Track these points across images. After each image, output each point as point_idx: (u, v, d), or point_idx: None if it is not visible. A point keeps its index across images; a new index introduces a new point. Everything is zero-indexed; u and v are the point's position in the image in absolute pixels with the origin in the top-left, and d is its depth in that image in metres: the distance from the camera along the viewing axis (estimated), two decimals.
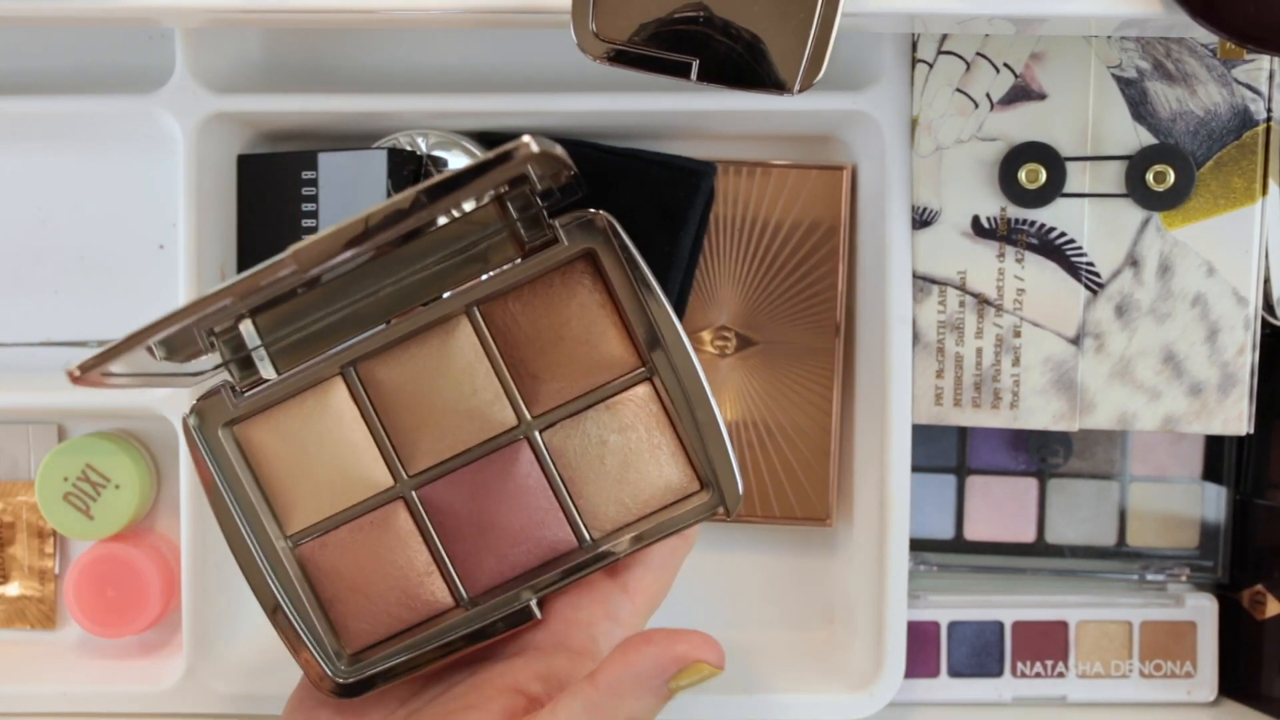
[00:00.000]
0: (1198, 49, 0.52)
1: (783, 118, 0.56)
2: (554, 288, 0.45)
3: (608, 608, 0.43)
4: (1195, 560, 0.59)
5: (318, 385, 0.44)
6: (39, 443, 0.59)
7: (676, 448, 0.44)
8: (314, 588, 0.44)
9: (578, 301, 0.45)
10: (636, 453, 0.44)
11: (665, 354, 0.44)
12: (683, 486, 0.44)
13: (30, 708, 0.56)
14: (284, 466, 0.44)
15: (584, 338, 0.44)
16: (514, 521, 0.44)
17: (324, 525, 0.44)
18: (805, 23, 0.43)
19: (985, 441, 0.59)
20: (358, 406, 0.44)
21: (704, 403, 0.44)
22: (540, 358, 0.45)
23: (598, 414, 0.44)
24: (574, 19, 0.43)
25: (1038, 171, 0.53)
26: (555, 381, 0.44)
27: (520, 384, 0.44)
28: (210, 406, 0.44)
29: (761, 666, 0.58)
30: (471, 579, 0.44)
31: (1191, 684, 0.59)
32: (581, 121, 0.55)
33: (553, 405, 0.44)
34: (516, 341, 0.45)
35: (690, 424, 0.44)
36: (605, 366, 0.45)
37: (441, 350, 0.44)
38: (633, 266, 0.44)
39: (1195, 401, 0.54)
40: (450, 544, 0.44)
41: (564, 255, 0.44)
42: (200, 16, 0.48)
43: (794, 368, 0.57)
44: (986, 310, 0.55)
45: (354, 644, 0.44)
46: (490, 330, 0.45)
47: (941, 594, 0.59)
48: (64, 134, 0.58)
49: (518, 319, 0.45)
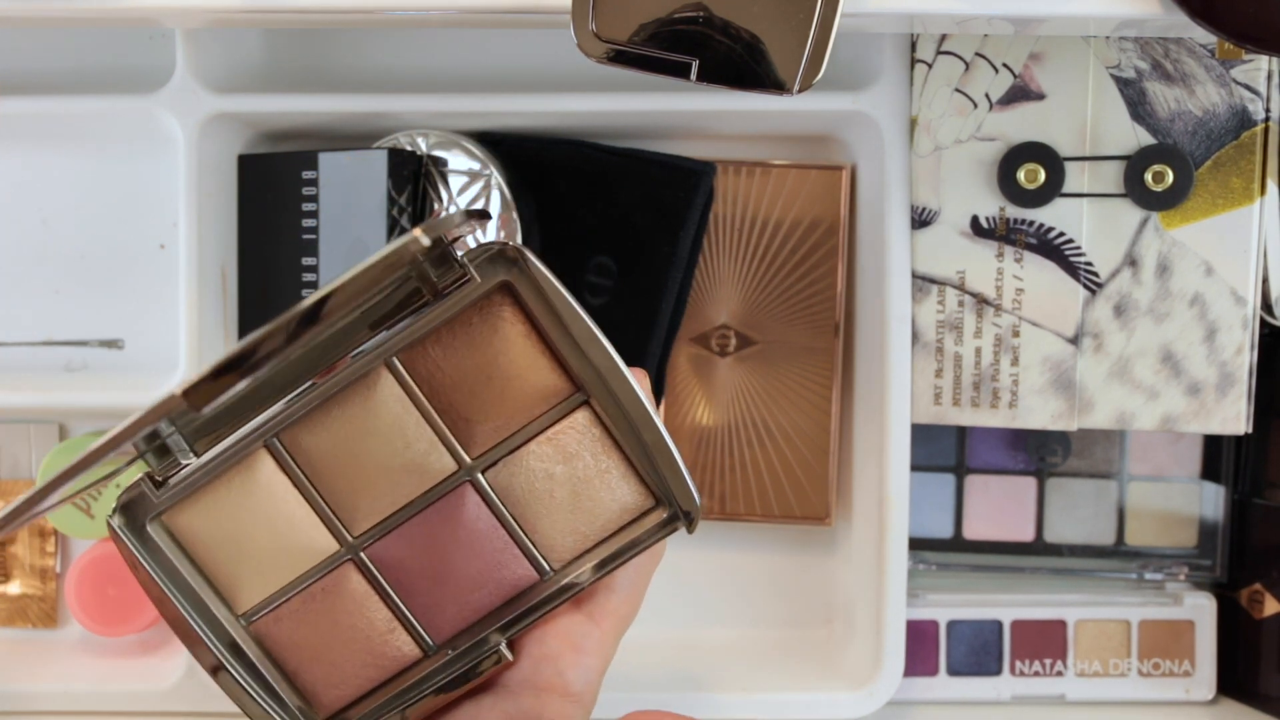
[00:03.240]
0: (1196, 49, 0.52)
1: (782, 118, 0.56)
2: (473, 326, 0.42)
3: (573, 640, 0.42)
4: (1193, 559, 0.59)
5: (243, 462, 0.42)
6: (40, 442, 0.59)
7: (625, 468, 0.42)
8: (275, 662, 0.42)
9: (500, 336, 0.42)
10: (585, 480, 0.42)
11: (598, 375, 0.42)
12: (637, 505, 0.42)
13: (31, 706, 0.56)
14: (222, 548, 0.42)
15: (513, 372, 0.42)
16: (471, 566, 0.42)
17: (274, 599, 0.42)
18: (805, 23, 0.43)
19: (984, 441, 0.59)
20: (288, 477, 0.42)
21: (646, 420, 0.42)
22: (471, 400, 0.42)
23: (539, 447, 0.42)
24: (574, 19, 0.44)
25: (1036, 171, 0.53)
26: (490, 421, 0.42)
27: (454, 429, 0.42)
28: (134, 502, 0.42)
29: (761, 665, 0.58)
30: (436, 628, 0.42)
31: (1190, 682, 0.59)
32: (581, 121, 0.55)
33: (491, 444, 0.42)
34: (443, 386, 0.42)
35: (635, 443, 0.42)
36: (539, 398, 0.42)
37: (366, 408, 0.42)
38: (551, 293, 0.42)
39: (1193, 401, 0.54)
40: (409, 598, 0.42)
41: (479, 291, 0.42)
42: (200, 17, 0.48)
43: (793, 367, 0.57)
44: (985, 310, 0.55)
45: (326, 709, 0.42)
46: (414, 379, 0.42)
47: (940, 593, 0.59)
48: (64, 134, 0.58)
49: (440, 364, 0.42)
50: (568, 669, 0.41)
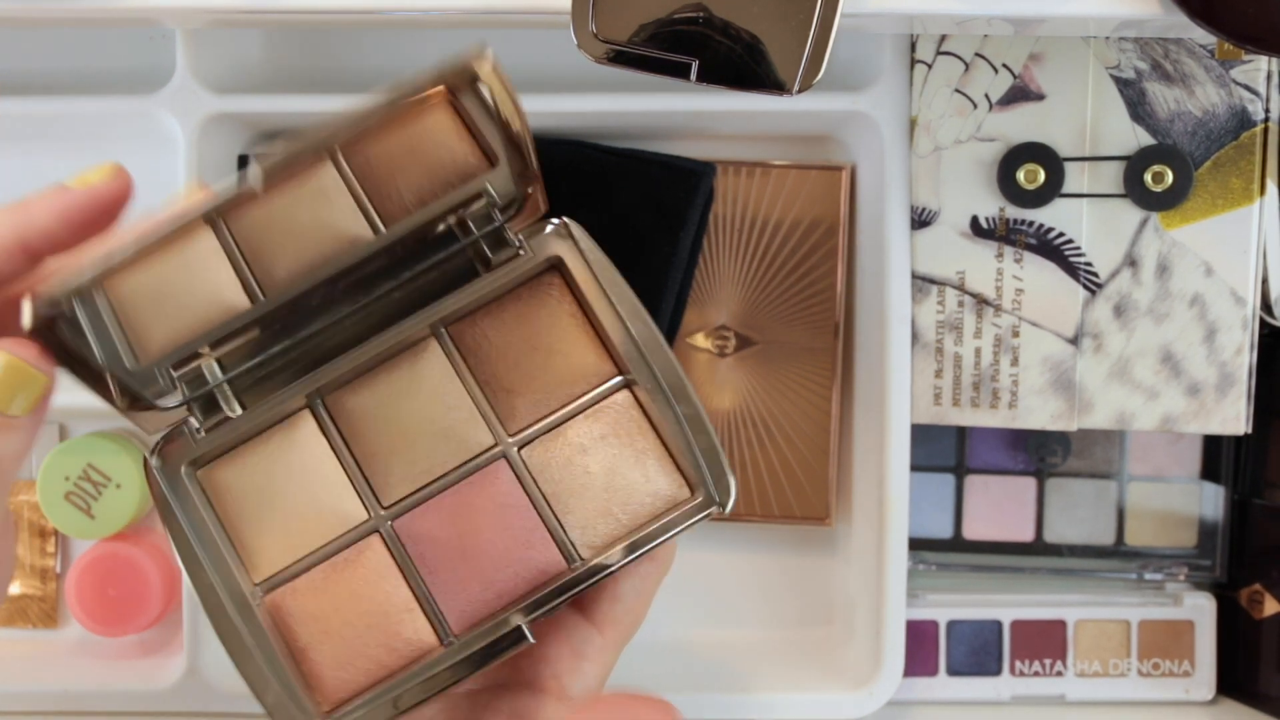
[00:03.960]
0: (1196, 50, 0.52)
1: (782, 118, 0.56)
2: (522, 300, 0.43)
3: (574, 644, 0.41)
4: (1193, 559, 0.59)
5: (284, 420, 0.43)
6: (40, 442, 0.59)
7: (662, 453, 0.43)
8: (286, 636, 0.42)
9: (547, 311, 0.43)
10: (621, 461, 0.42)
11: (642, 357, 0.42)
12: (671, 494, 0.42)
13: (31, 706, 0.56)
14: (251, 508, 0.42)
15: (557, 348, 0.43)
16: (497, 545, 0.42)
17: (295, 568, 0.42)
18: (805, 23, 0.43)
19: (984, 441, 0.60)
20: (327, 439, 0.43)
21: (687, 398, 0.42)
22: (514, 370, 0.43)
23: (578, 425, 0.43)
24: (574, 19, 0.44)
25: (1036, 172, 0.53)
26: (531, 395, 0.43)
27: (495, 400, 0.43)
28: (174, 448, 0.42)
29: (761, 666, 0.58)
30: (456, 612, 0.42)
31: (1189, 683, 0.59)
32: (581, 121, 0.55)
33: (530, 421, 0.43)
34: (488, 357, 0.43)
35: (674, 422, 0.42)
36: (581, 376, 0.43)
37: (411, 373, 0.43)
38: (601, 272, 0.42)
39: (1193, 401, 0.54)
40: (432, 574, 0.42)
41: (530, 267, 0.43)
42: (201, 17, 0.48)
43: (793, 367, 0.57)
44: (985, 310, 0.55)
45: (331, 696, 0.41)
46: (460, 349, 0.43)
47: (940, 593, 0.60)
48: (64, 134, 0.58)
49: (488, 334, 0.43)
50: (566, 673, 0.41)
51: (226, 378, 0.42)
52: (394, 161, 0.41)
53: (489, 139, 0.41)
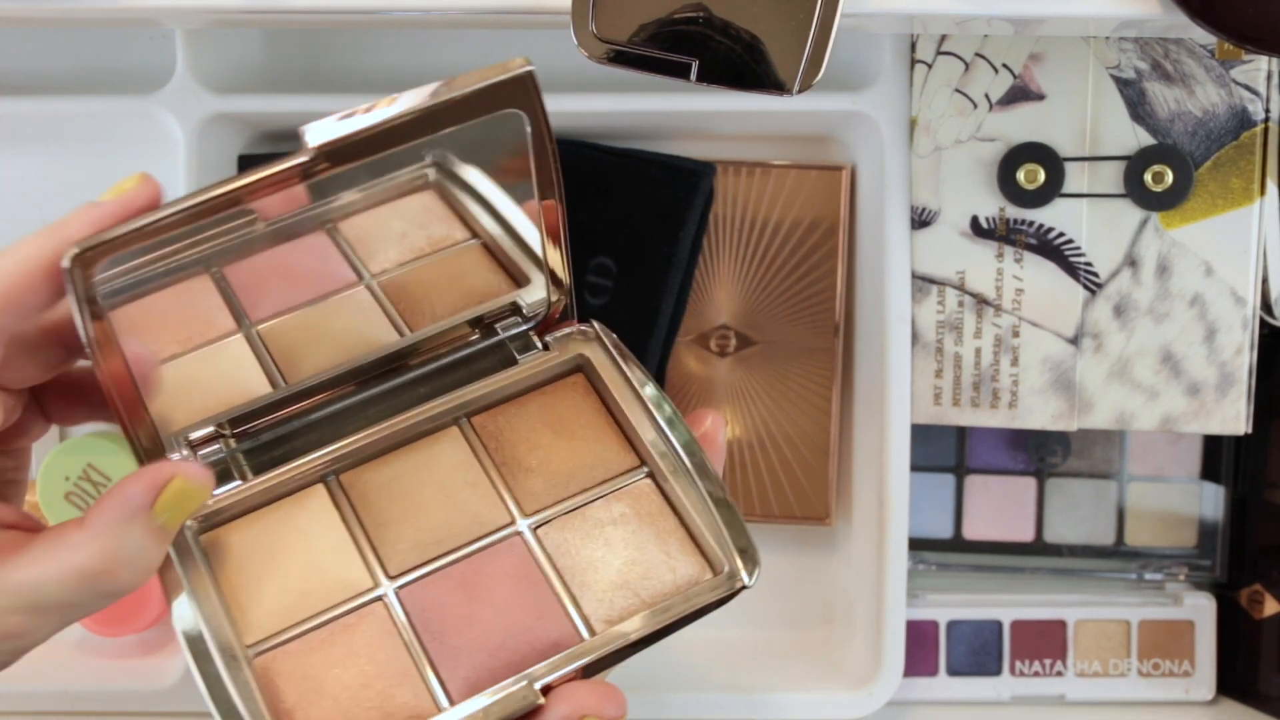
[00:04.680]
0: (1196, 50, 0.52)
1: (782, 118, 0.56)
2: (546, 394, 0.43)
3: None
4: (1193, 559, 0.59)
5: (294, 493, 0.42)
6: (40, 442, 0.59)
7: (684, 535, 0.42)
8: (270, 697, 0.39)
9: (571, 405, 0.43)
10: (642, 538, 0.42)
11: (669, 444, 0.42)
12: (694, 575, 0.41)
13: (31, 706, 0.56)
14: (253, 571, 0.41)
15: (580, 435, 0.43)
16: (507, 614, 0.40)
17: (291, 630, 0.40)
18: (804, 23, 0.43)
19: (984, 441, 0.60)
20: (338, 510, 0.42)
21: (712, 477, 0.41)
22: (534, 451, 0.43)
23: (596, 509, 0.42)
24: (574, 19, 0.44)
25: (1036, 172, 0.53)
26: (550, 476, 0.42)
27: (512, 480, 0.42)
28: None
29: (761, 665, 0.58)
30: (459, 679, 0.40)
31: (1189, 683, 0.59)
32: (581, 121, 0.55)
33: (549, 502, 0.42)
34: (508, 441, 0.43)
35: (700, 501, 0.41)
36: (602, 466, 0.42)
37: (429, 453, 0.43)
38: (629, 369, 0.43)
39: (1193, 401, 0.54)
40: (436, 641, 0.40)
41: (555, 365, 0.43)
42: (201, 17, 0.48)
43: (793, 367, 0.57)
44: (985, 310, 0.55)
45: None
46: (480, 435, 0.43)
47: (940, 593, 0.60)
48: (64, 134, 0.58)
49: (511, 421, 0.43)
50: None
51: (240, 448, 0.42)
52: (429, 285, 0.43)
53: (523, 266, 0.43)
